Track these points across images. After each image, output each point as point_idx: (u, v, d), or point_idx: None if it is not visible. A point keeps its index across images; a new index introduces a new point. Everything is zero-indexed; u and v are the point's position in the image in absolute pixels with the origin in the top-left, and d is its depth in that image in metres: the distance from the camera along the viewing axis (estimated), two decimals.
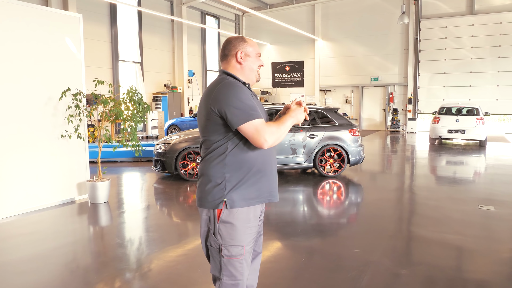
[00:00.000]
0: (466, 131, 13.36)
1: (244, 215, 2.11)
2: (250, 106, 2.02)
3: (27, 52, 5.71)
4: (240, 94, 2.04)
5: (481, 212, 5.73)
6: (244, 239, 2.12)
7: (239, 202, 2.08)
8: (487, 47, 18.21)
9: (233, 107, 2.00)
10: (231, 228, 2.09)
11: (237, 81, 2.13)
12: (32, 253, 4.28)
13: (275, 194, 2.23)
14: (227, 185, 2.07)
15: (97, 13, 15.39)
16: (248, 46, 2.20)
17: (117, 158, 10.39)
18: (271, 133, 2.02)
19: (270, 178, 2.20)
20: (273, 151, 2.24)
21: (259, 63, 2.24)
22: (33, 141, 5.81)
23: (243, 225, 2.11)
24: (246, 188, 2.10)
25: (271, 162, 2.21)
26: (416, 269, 3.76)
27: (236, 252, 2.10)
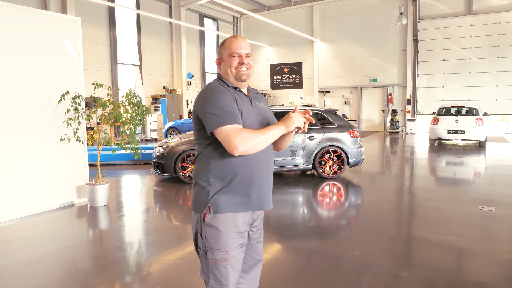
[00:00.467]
0: (466, 132, 13.35)
1: (229, 220, 2.08)
2: (227, 111, 1.99)
3: (26, 55, 5.70)
4: (218, 99, 2.02)
5: (482, 213, 5.72)
6: (229, 244, 2.09)
7: (224, 208, 2.06)
8: (485, 47, 18.23)
9: (208, 112, 2.01)
10: (216, 232, 2.08)
11: (219, 86, 2.10)
12: (31, 256, 4.26)
13: (266, 202, 2.18)
14: (211, 190, 2.08)
15: (96, 16, 15.40)
16: (223, 49, 2.18)
17: (116, 161, 10.38)
18: (242, 139, 1.95)
19: (261, 186, 2.13)
20: (264, 157, 2.15)
21: (233, 63, 2.13)
22: (32, 144, 5.80)
23: (228, 230, 2.08)
24: (232, 194, 2.07)
25: (260, 169, 2.13)
26: (417, 271, 3.75)
27: (220, 256, 2.09)
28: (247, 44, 2.18)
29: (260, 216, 2.27)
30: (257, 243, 2.30)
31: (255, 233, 2.27)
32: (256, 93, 2.29)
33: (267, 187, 2.19)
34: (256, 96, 2.27)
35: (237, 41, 2.16)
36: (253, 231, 2.25)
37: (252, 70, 2.19)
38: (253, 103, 2.19)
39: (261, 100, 2.28)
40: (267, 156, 2.18)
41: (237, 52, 2.13)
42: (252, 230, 2.24)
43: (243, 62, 2.12)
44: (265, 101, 2.34)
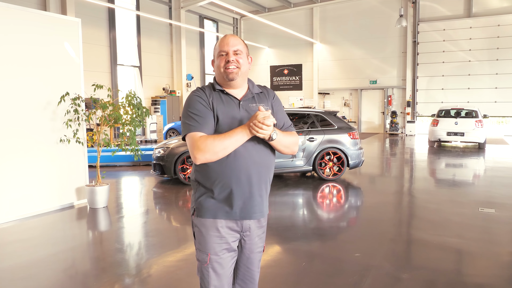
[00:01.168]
0: (465, 134, 13.36)
1: (210, 223, 2.07)
2: (194, 119, 1.97)
3: (26, 56, 5.69)
4: (189, 107, 2.02)
5: (482, 215, 5.71)
6: (210, 247, 2.06)
7: (205, 213, 2.07)
8: (485, 49, 18.25)
9: (182, 118, 2.06)
10: (199, 233, 2.11)
11: (195, 92, 2.06)
12: (31, 259, 4.25)
13: (253, 212, 2.06)
14: (196, 193, 2.11)
15: (96, 17, 15.39)
16: (215, 49, 2.12)
17: (116, 162, 10.36)
18: (201, 148, 1.90)
19: (246, 194, 2.02)
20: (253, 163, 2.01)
21: (221, 62, 2.05)
22: (31, 145, 5.79)
23: (209, 233, 2.06)
24: (214, 200, 2.04)
25: (247, 176, 2.00)
26: (417, 273, 3.74)
27: (202, 258, 2.10)
28: (236, 41, 2.06)
29: (253, 225, 2.12)
30: (251, 253, 2.16)
31: (248, 242, 2.14)
32: (256, 93, 2.15)
33: (257, 196, 2.05)
34: (252, 98, 2.12)
35: (225, 39, 2.07)
36: (245, 240, 2.13)
37: (244, 67, 2.07)
38: (242, 106, 2.06)
39: (262, 101, 2.12)
40: (259, 162, 2.03)
41: (224, 50, 2.04)
42: (244, 239, 2.12)
43: (229, 60, 2.02)
44: (271, 101, 2.18)
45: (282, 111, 2.24)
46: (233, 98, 2.07)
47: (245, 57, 2.09)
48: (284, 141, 2.07)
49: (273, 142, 2.02)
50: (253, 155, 2.00)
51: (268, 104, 2.14)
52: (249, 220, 2.08)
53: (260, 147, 2.04)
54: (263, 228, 2.20)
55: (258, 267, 2.23)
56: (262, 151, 2.05)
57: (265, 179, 2.08)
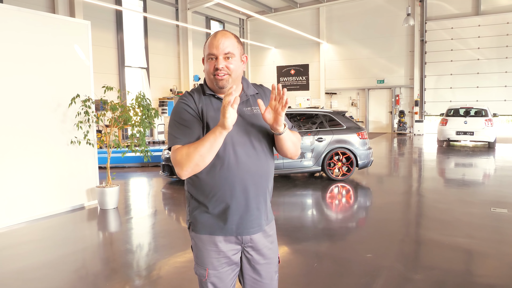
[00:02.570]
0: (475, 133, 13.24)
1: (207, 239, 1.90)
2: (178, 128, 1.79)
3: (37, 58, 5.74)
4: (175, 113, 1.84)
5: (494, 215, 5.66)
6: (208, 262, 1.90)
7: (200, 229, 1.89)
8: (494, 47, 18.09)
9: (168, 127, 1.88)
10: (196, 247, 1.95)
11: (183, 98, 1.86)
12: (42, 260, 4.28)
13: (251, 227, 1.87)
14: (189, 207, 1.95)
15: (104, 20, 15.49)
16: (204, 48, 1.84)
17: (124, 164, 10.41)
18: (177, 164, 1.72)
19: (243, 209, 1.83)
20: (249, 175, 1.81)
21: (209, 67, 1.79)
22: (42, 147, 5.84)
23: (206, 247, 1.90)
24: (208, 215, 1.86)
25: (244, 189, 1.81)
26: (430, 274, 3.71)
27: (200, 273, 1.94)
28: (228, 41, 1.77)
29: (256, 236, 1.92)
30: (257, 264, 1.96)
31: (251, 253, 1.94)
32: (252, 95, 1.92)
33: (254, 209, 1.86)
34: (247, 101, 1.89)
35: (215, 39, 1.77)
36: (249, 252, 1.93)
37: (235, 73, 1.79)
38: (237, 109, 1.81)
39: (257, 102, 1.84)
40: (254, 170, 1.83)
41: (213, 53, 1.76)
42: (246, 250, 1.93)
43: (218, 67, 1.75)
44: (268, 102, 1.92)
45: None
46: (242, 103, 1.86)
47: (237, 59, 1.80)
48: (292, 137, 1.89)
49: (284, 136, 1.81)
50: (247, 164, 1.80)
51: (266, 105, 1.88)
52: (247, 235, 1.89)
53: (254, 153, 1.83)
54: (270, 238, 1.99)
55: (270, 279, 2.02)
56: (257, 158, 1.84)
57: (263, 189, 1.88)
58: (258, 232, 1.91)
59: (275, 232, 2.06)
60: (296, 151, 1.94)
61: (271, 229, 2.00)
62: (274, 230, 2.05)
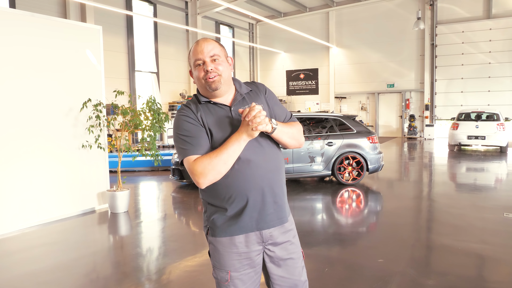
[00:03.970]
0: (486, 137, 13.08)
1: (226, 241, 1.90)
2: (185, 140, 1.82)
3: (49, 63, 5.82)
4: (178, 127, 1.86)
5: (507, 220, 5.57)
6: (230, 265, 1.90)
7: (219, 232, 1.90)
8: (505, 51, 17.88)
9: (174, 142, 1.90)
10: (215, 251, 1.94)
11: (182, 110, 1.91)
12: (54, 263, 4.31)
13: (270, 220, 1.90)
14: (207, 212, 1.96)
15: (114, 25, 15.65)
16: (190, 58, 1.91)
17: (135, 168, 10.47)
18: (197, 174, 1.76)
19: (260, 205, 1.87)
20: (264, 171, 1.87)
21: (199, 73, 1.85)
22: (54, 151, 5.90)
23: (227, 250, 1.90)
24: (226, 217, 1.87)
25: (260, 187, 1.86)
26: (443, 280, 3.66)
27: (221, 277, 1.93)
28: (211, 45, 1.85)
29: (275, 232, 1.94)
30: (282, 261, 1.96)
31: (273, 251, 1.95)
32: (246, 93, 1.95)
33: (271, 202, 1.90)
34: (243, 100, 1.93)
35: (198, 46, 1.85)
36: (270, 250, 1.94)
37: (225, 73, 1.86)
38: (234, 111, 1.87)
39: (254, 99, 1.92)
40: (265, 166, 1.88)
41: (199, 58, 1.83)
42: (267, 248, 1.94)
43: (207, 69, 1.82)
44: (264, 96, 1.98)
45: (279, 104, 2.03)
46: (222, 107, 1.89)
47: (224, 60, 1.87)
48: (288, 131, 1.91)
49: (276, 134, 1.85)
50: (256, 161, 1.84)
51: (262, 101, 1.94)
52: (268, 229, 1.91)
53: (261, 149, 1.87)
54: (290, 232, 2.00)
55: (299, 275, 2.00)
56: (264, 153, 1.88)
57: (277, 182, 1.93)
58: (279, 224, 1.93)
59: (295, 227, 2.07)
60: (296, 142, 1.98)
61: (290, 224, 2.02)
62: (294, 225, 2.06)
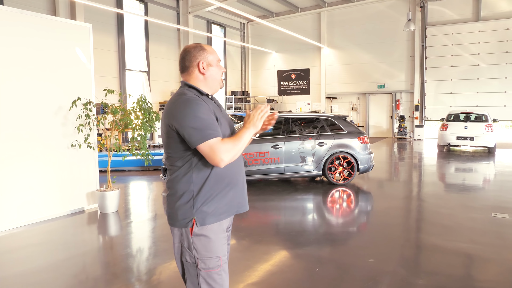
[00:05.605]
0: (475, 138, 13.24)
1: (217, 227, 2.06)
2: (206, 124, 1.95)
3: (38, 61, 5.74)
4: (197, 112, 1.96)
5: (495, 220, 5.64)
6: (220, 250, 2.06)
7: (209, 219, 2.02)
8: (494, 53, 18.11)
9: (189, 127, 1.94)
10: (206, 241, 2.02)
11: (194, 96, 2.02)
12: (42, 264, 4.25)
13: (244, 204, 2.19)
14: (195, 203, 2.00)
15: (105, 23, 15.51)
16: (209, 54, 2.12)
17: (125, 167, 10.39)
18: (226, 151, 1.94)
19: (239, 190, 2.14)
20: (240, 162, 2.18)
21: (221, 71, 2.19)
22: (42, 150, 5.82)
23: (217, 236, 2.06)
24: (215, 204, 2.03)
25: (240, 174, 2.16)
26: (433, 279, 3.69)
27: (214, 264, 2.03)
28: None
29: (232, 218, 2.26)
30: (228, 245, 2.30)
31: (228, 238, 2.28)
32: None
33: (245, 190, 2.21)
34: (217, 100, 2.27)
35: (212, 49, 2.19)
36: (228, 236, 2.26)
37: None
38: (222, 108, 2.21)
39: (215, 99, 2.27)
40: (241, 160, 2.21)
41: (219, 59, 2.19)
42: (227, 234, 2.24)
43: (225, 70, 2.22)
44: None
45: None
46: (215, 102, 2.19)
47: None
48: None
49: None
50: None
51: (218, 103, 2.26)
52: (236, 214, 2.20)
53: None
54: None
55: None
56: None
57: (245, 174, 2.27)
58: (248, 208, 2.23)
59: None
60: None
61: None
62: None
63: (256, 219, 5.99)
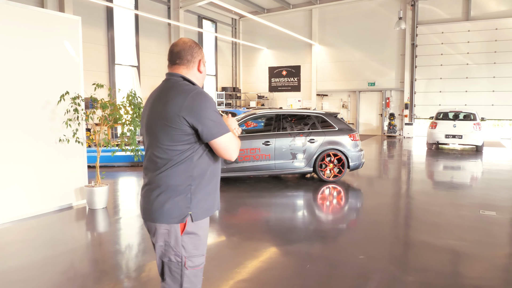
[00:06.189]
0: (463, 136, 13.38)
1: (205, 224, 2.08)
2: (222, 120, 2.02)
3: (24, 55, 5.61)
4: (214, 106, 1.99)
5: (483, 217, 5.70)
6: (204, 247, 2.08)
7: (202, 214, 2.04)
8: (482, 53, 18.29)
9: (209, 120, 1.93)
10: (196, 239, 2.02)
11: (203, 91, 2.04)
12: (29, 261, 4.18)
13: (219, 202, 2.24)
14: (192, 198, 1.99)
15: (94, 16, 15.30)
16: (203, 54, 2.18)
17: (114, 163, 10.28)
18: (238, 146, 2.05)
19: (218, 187, 2.19)
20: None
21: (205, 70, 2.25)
22: (29, 145, 5.71)
23: (205, 233, 2.08)
24: (207, 200, 2.06)
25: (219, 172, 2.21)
26: (423, 276, 3.70)
27: (200, 261, 2.05)
28: None
29: None
30: None
31: None
32: None
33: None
34: None
35: None
36: None
37: None
38: None
39: None
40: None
41: None
42: None
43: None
44: None
45: None
46: None
47: None
48: None
49: None
50: None
51: None
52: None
53: None
54: None
55: None
56: None
57: None
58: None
59: None
60: None
61: None
62: None
63: (247, 215, 5.96)
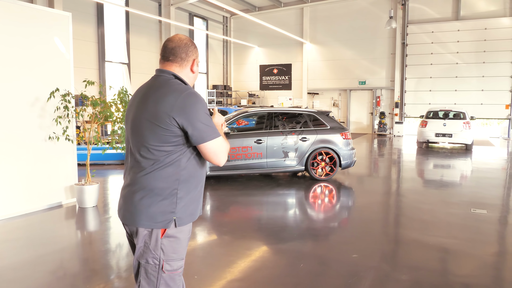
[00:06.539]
0: (453, 135, 13.50)
1: (187, 228, 2.02)
2: (212, 123, 1.96)
3: (13, 51, 5.51)
4: (206, 108, 1.92)
5: (474, 215, 5.75)
6: (184, 251, 2.02)
7: (186, 219, 1.99)
8: (472, 52, 18.48)
9: (200, 123, 1.87)
10: (176, 242, 1.96)
11: (194, 91, 1.96)
12: (17, 260, 4.10)
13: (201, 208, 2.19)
14: (178, 203, 1.93)
15: (84, 13, 15.12)
16: (198, 54, 2.11)
17: (104, 161, 10.17)
18: (227, 151, 2.01)
19: (202, 193, 2.14)
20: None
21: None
22: (18, 143, 5.61)
23: (186, 237, 2.03)
24: (191, 204, 2.01)
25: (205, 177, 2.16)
26: (416, 274, 3.72)
27: (178, 265, 2.00)
28: None
29: None
30: None
31: None
32: None
33: None
34: None
35: None
36: None
37: None
38: None
39: None
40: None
41: None
42: None
43: None
44: None
45: None
46: None
47: None
48: None
49: None
50: None
51: None
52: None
53: None
54: None
55: None
56: None
57: None
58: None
59: None
60: None
61: None
62: None
63: (239, 214, 5.94)
